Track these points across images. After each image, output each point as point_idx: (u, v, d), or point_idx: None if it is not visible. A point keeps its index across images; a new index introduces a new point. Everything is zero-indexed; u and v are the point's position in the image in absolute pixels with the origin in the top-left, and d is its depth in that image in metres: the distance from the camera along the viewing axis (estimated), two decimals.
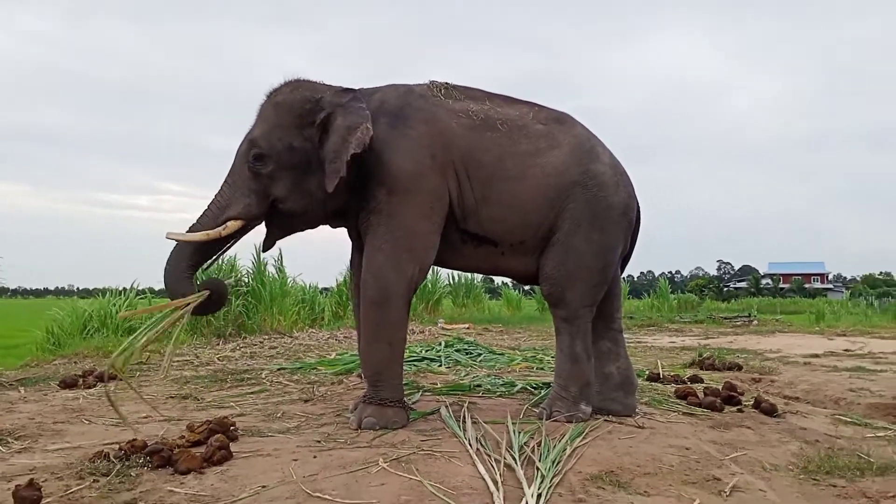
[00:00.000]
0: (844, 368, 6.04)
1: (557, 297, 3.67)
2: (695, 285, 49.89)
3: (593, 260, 3.65)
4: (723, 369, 5.95)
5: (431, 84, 3.71)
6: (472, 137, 3.54)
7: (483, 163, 3.53)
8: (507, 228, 3.60)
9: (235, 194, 3.42)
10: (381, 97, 3.61)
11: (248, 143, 3.47)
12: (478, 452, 2.85)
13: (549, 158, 3.61)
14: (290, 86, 3.57)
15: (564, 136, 3.70)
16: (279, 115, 3.48)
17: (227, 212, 3.39)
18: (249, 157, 3.42)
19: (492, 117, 3.62)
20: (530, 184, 3.56)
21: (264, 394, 4.39)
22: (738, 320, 14.75)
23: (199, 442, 2.89)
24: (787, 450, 3.12)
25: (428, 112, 3.54)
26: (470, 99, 3.68)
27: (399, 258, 3.39)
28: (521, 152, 3.59)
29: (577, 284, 3.63)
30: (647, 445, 3.06)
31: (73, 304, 8.73)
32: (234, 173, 3.48)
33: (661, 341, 9.56)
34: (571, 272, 3.62)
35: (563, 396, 3.61)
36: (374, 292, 3.39)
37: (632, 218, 3.84)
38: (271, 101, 3.55)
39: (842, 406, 4.43)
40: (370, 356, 3.47)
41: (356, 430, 3.27)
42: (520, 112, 3.73)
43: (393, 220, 3.41)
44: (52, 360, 6.40)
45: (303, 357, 6.45)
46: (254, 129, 3.52)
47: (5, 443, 3.02)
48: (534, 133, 3.66)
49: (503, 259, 3.71)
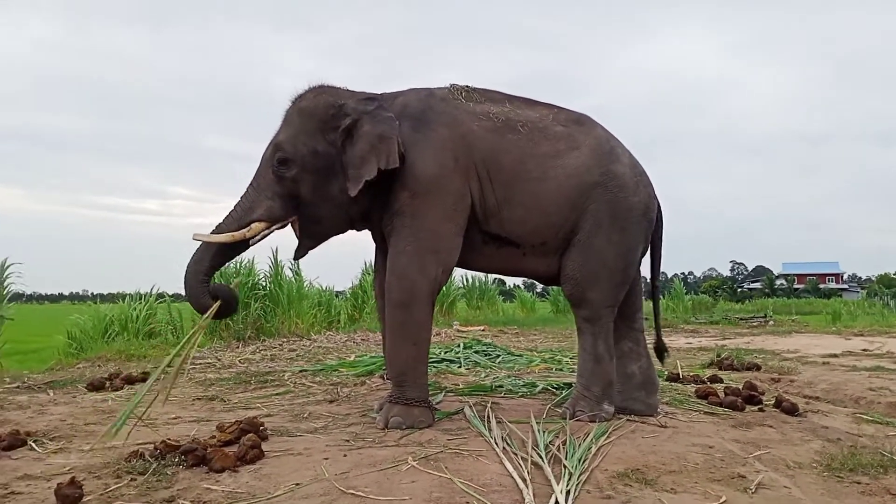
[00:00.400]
0: (863, 368, 6.04)
1: (579, 297, 3.71)
2: (708, 286, 49.71)
3: (615, 260, 3.69)
4: (742, 369, 5.97)
5: (452, 87, 3.77)
6: (493, 140, 3.59)
7: (504, 165, 3.58)
8: (529, 229, 3.65)
9: (259, 197, 3.51)
10: (404, 101, 3.67)
11: (272, 147, 3.56)
12: (504, 451, 2.89)
13: (570, 160, 3.65)
14: (314, 91, 3.66)
15: (584, 138, 3.74)
16: (303, 120, 3.56)
17: (251, 214, 3.48)
18: (274, 161, 3.51)
19: (512, 119, 3.67)
20: (551, 185, 3.60)
21: (289, 395, 4.45)
22: (754, 321, 14.71)
23: (230, 441, 2.95)
24: (810, 448, 3.15)
25: (449, 115, 3.60)
26: (490, 101, 3.73)
27: (423, 259, 3.44)
28: (542, 154, 3.63)
29: (599, 284, 3.68)
30: (670, 444, 3.10)
31: (94, 309, 8.86)
32: (258, 177, 3.57)
33: (678, 342, 9.55)
34: (593, 272, 3.66)
35: (585, 396, 3.66)
36: (398, 294, 3.45)
37: (652, 218, 3.87)
38: (296, 106, 3.63)
39: (862, 405, 4.44)
40: (396, 356, 3.52)
41: (383, 429, 3.32)
42: (540, 114, 3.77)
43: (416, 221, 3.47)
44: (76, 364, 6.49)
45: (322, 359, 6.52)
46: (279, 134, 3.60)
47: (41, 443, 3.09)
48: (554, 135, 3.70)
49: (525, 260, 3.75)
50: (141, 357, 6.63)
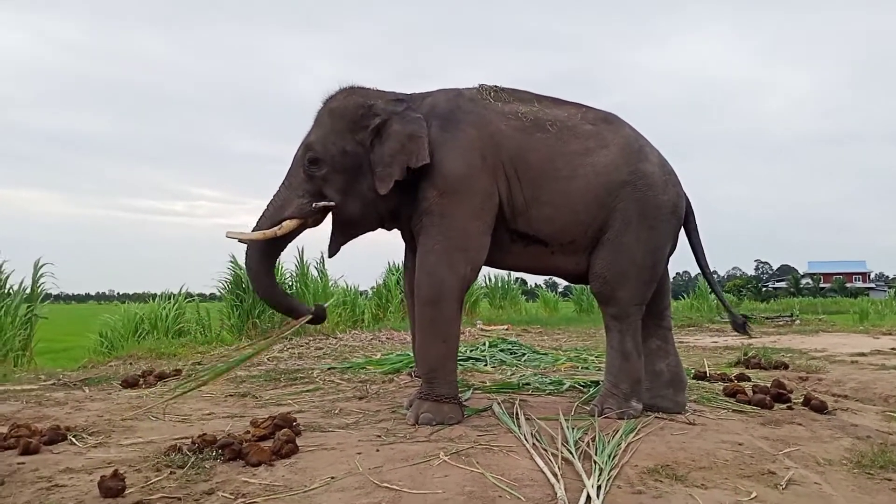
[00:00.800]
0: (892, 367, 5.98)
1: (608, 295, 3.74)
2: (733, 285, 49.20)
3: (643, 258, 3.71)
4: (769, 368, 5.95)
5: (481, 87, 3.81)
6: (521, 139, 3.62)
7: (532, 163, 3.60)
8: (558, 228, 3.67)
9: (290, 195, 3.63)
10: (432, 101, 3.72)
11: (303, 147, 3.67)
12: (534, 447, 2.93)
13: (599, 158, 3.68)
14: (345, 92, 3.75)
15: (613, 136, 3.76)
16: (333, 121, 3.66)
17: (283, 212, 3.60)
18: (305, 161, 3.62)
19: (541, 118, 3.69)
20: (580, 183, 3.62)
21: (319, 392, 4.51)
22: (781, 320, 14.58)
23: (264, 437, 3.01)
24: (840, 445, 3.15)
25: (477, 115, 3.64)
26: (519, 101, 3.76)
27: (452, 257, 3.48)
28: (571, 152, 3.65)
29: (628, 282, 3.70)
30: (700, 441, 3.12)
31: (124, 309, 9.01)
32: (290, 176, 3.69)
33: (704, 341, 9.52)
34: (622, 271, 3.69)
35: (614, 393, 3.68)
36: (428, 291, 3.50)
37: (681, 216, 3.88)
38: (326, 107, 3.73)
39: (892, 403, 4.41)
40: (426, 353, 3.57)
41: (413, 425, 3.36)
42: (568, 113, 3.80)
43: (445, 220, 3.51)
44: (108, 362, 6.60)
45: (349, 357, 6.58)
46: (310, 135, 3.71)
47: (81, 438, 3.16)
48: (583, 133, 3.72)
49: (553, 258, 3.78)
50: (171, 355, 6.74)
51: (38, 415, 3.71)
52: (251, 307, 8.81)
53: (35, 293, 7.44)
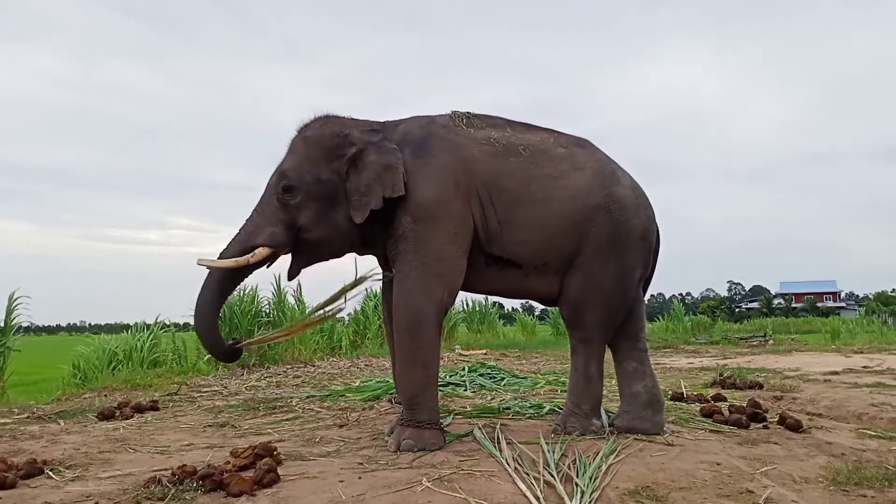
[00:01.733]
0: (864, 384, 6.09)
1: (575, 319, 3.83)
2: (706, 307, 49.63)
3: (612, 283, 3.76)
4: (744, 388, 6.01)
5: (454, 114, 3.86)
6: (494, 163, 3.66)
7: (506, 187, 3.64)
8: (531, 250, 3.70)
9: (263, 223, 3.62)
10: (405, 129, 3.77)
11: (277, 175, 3.66)
12: (516, 471, 2.94)
13: (573, 181, 3.72)
14: (320, 121, 3.78)
15: (586, 160, 3.82)
16: (309, 149, 3.68)
17: (255, 239, 3.59)
18: (279, 189, 3.61)
19: (513, 143, 3.75)
20: (554, 206, 3.67)
21: (299, 420, 4.48)
22: (754, 340, 14.76)
23: (245, 466, 2.99)
24: (816, 463, 3.20)
25: (450, 141, 3.68)
26: (491, 127, 3.82)
27: (428, 283, 3.50)
28: (545, 175, 3.70)
29: (596, 308, 3.76)
30: (679, 462, 3.15)
31: (98, 340, 8.89)
32: (263, 203, 3.68)
33: (680, 362, 9.60)
34: (590, 295, 3.75)
35: (576, 413, 3.80)
36: (405, 318, 3.51)
37: (651, 241, 3.94)
38: (301, 135, 3.75)
39: (865, 421, 4.49)
40: (406, 380, 3.57)
41: (395, 452, 3.36)
42: (540, 137, 3.86)
43: (420, 246, 3.53)
44: (82, 394, 6.49)
45: (328, 385, 6.55)
46: (284, 162, 3.71)
47: (58, 472, 3.12)
48: (556, 156, 3.78)
49: (527, 281, 3.81)
50: (147, 386, 6.65)
51: (14, 448, 3.65)
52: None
53: (9, 326, 7.34)
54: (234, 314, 8.93)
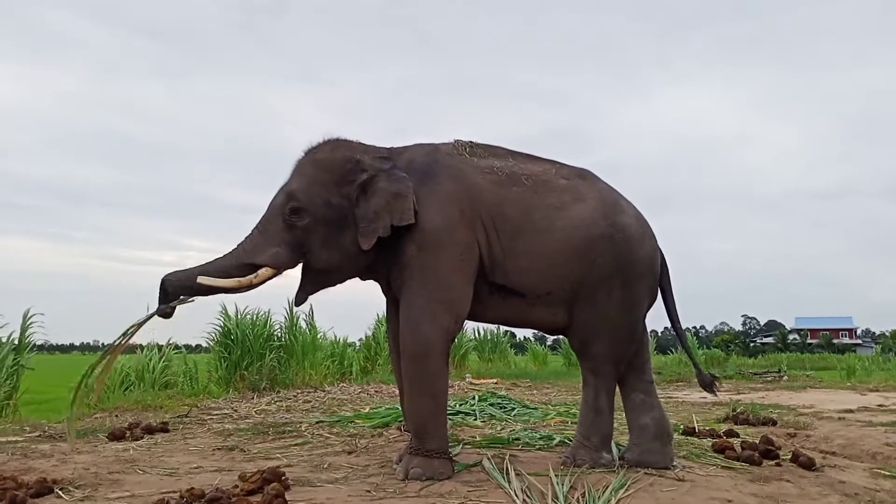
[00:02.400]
0: (879, 423, 6.01)
1: (584, 350, 3.86)
2: (720, 340, 49.27)
3: (619, 314, 3.78)
4: (757, 424, 5.96)
5: (457, 143, 3.88)
6: (498, 192, 3.68)
7: (510, 216, 3.65)
8: (534, 280, 3.69)
9: (265, 242, 3.57)
10: (410, 156, 3.78)
11: (285, 195, 3.62)
12: (525, 502, 2.93)
13: (576, 211, 3.73)
14: (330, 145, 3.77)
15: (588, 190, 3.84)
16: (319, 172, 3.66)
17: (255, 257, 3.54)
18: (286, 210, 3.58)
19: (517, 173, 3.77)
20: (558, 236, 3.67)
21: (307, 446, 4.48)
22: (768, 375, 14.60)
23: (253, 491, 2.99)
24: (828, 502, 3.17)
25: (455, 169, 3.70)
26: (494, 156, 3.84)
27: (434, 311, 3.50)
28: (548, 205, 3.71)
29: (604, 339, 3.77)
30: (689, 498, 3.12)
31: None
32: (266, 223, 3.63)
33: (692, 397, 9.51)
34: (598, 326, 3.76)
35: (585, 445, 3.78)
36: (413, 347, 3.50)
37: (657, 271, 3.94)
38: (311, 157, 3.73)
39: (879, 460, 4.45)
40: (414, 409, 3.56)
41: (403, 480, 3.35)
42: (543, 168, 3.89)
43: (425, 274, 3.53)
44: (94, 414, 6.53)
45: (338, 410, 6.54)
46: (291, 183, 3.67)
47: (67, 491, 3.14)
48: (559, 187, 3.80)
49: (532, 310, 3.79)
50: (158, 407, 6.67)
51: (24, 467, 3.68)
52: (239, 359, 8.78)
53: (23, 343, 7.40)
54: (247, 338, 8.96)
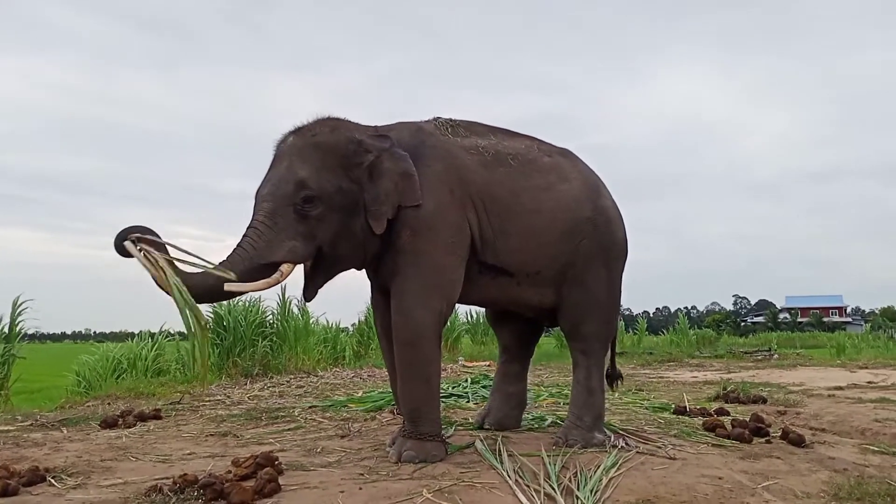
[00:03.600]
0: (869, 400, 6.06)
1: (575, 331, 3.97)
2: (712, 320, 49.59)
3: (605, 294, 3.95)
4: (748, 402, 5.99)
5: (438, 121, 3.83)
6: (486, 173, 3.67)
7: (499, 196, 3.66)
8: (525, 259, 3.75)
9: (279, 237, 3.26)
10: (396, 136, 3.64)
11: (295, 184, 3.31)
12: (517, 483, 2.94)
13: (563, 192, 3.82)
14: (328, 126, 3.53)
15: (571, 171, 3.93)
16: (325, 156, 3.41)
17: (272, 255, 3.23)
18: (298, 199, 3.30)
19: (501, 152, 3.77)
20: (546, 217, 3.75)
21: (300, 430, 4.49)
22: (759, 354, 14.69)
23: (247, 476, 2.99)
24: (818, 478, 3.19)
25: (442, 149, 3.66)
26: (476, 135, 3.81)
27: (427, 295, 3.47)
28: (535, 186, 3.75)
29: (594, 319, 3.92)
30: (680, 475, 3.14)
31: (103, 348, 8.93)
32: (276, 215, 3.27)
33: (683, 376, 9.58)
34: (588, 307, 3.90)
35: (578, 425, 3.83)
36: (405, 332, 3.47)
37: (627, 252, 4.13)
38: (311, 141, 3.44)
39: (868, 436, 4.48)
40: (408, 394, 3.53)
41: (396, 463, 3.36)
42: (525, 145, 3.91)
43: (419, 258, 3.49)
44: (86, 402, 6.52)
45: (330, 395, 6.55)
46: (297, 170, 3.34)
47: (59, 479, 3.13)
48: (544, 166, 3.84)
49: (519, 290, 3.83)
50: (150, 395, 6.67)
51: (16, 455, 3.66)
52: (231, 345, 8.78)
53: (14, 332, 7.38)
54: (239, 324, 8.96)
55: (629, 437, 3.91)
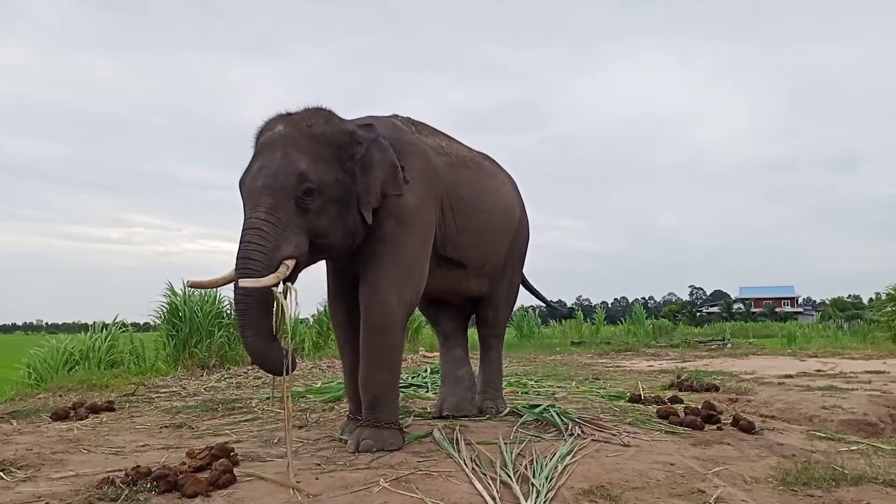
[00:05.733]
0: (817, 388, 6.21)
1: (495, 318, 4.61)
2: (668, 311, 50.40)
3: (516, 287, 4.73)
4: (701, 390, 6.11)
5: (401, 119, 3.94)
6: (453, 174, 3.94)
7: (463, 196, 3.95)
8: (478, 253, 4.17)
9: (284, 233, 3.15)
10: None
11: (297, 177, 3.19)
12: (473, 471, 2.96)
13: (504, 194, 4.40)
14: (322, 116, 3.43)
15: (503, 175, 4.56)
16: (322, 148, 3.32)
17: (281, 252, 3.12)
18: (299, 192, 3.19)
19: (461, 156, 4.11)
20: (497, 216, 4.25)
21: (257, 421, 4.46)
22: (713, 344, 15.00)
23: (201, 467, 2.96)
24: (766, 464, 3.27)
25: (418, 146, 3.77)
26: (433, 135, 4.06)
27: (401, 285, 3.53)
28: (489, 188, 4.21)
29: (507, 307, 4.70)
30: (633, 462, 3.20)
31: (54, 340, 8.73)
32: (278, 210, 3.15)
33: (639, 365, 9.73)
34: (508, 297, 4.66)
35: (497, 395, 4.63)
36: (378, 319, 3.47)
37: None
38: (307, 132, 3.33)
39: (816, 423, 4.61)
40: (371, 380, 3.52)
41: (354, 452, 3.36)
42: (466, 149, 4.32)
43: (397, 248, 3.54)
44: (37, 395, 6.38)
45: (288, 386, 6.50)
46: (297, 162, 3.21)
47: (8, 472, 3.07)
48: (489, 170, 4.38)
49: (467, 280, 4.23)
50: (103, 387, 6.54)
51: None
52: (188, 336, 8.66)
53: None
54: (195, 315, 8.83)
55: (585, 424, 3.96)
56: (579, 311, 24.83)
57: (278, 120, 3.42)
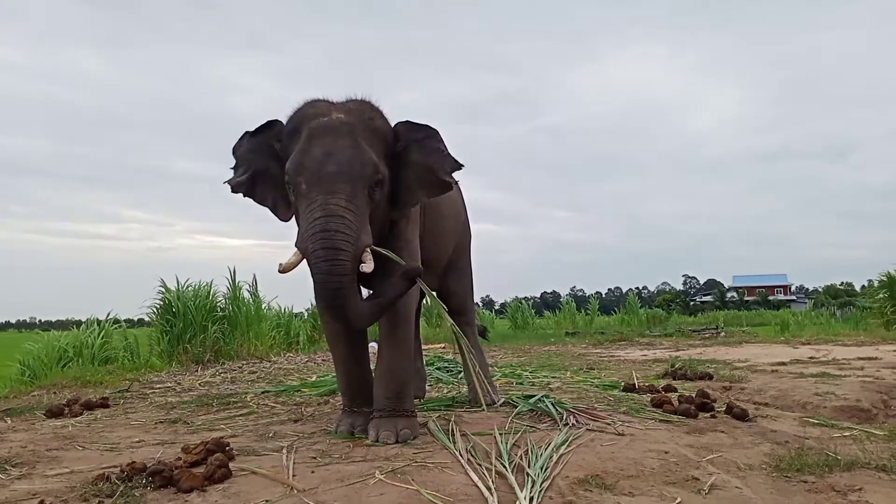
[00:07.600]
0: (810, 375, 6.24)
1: (461, 307, 4.86)
2: (662, 300, 50.60)
3: (471, 276, 5.13)
4: (694, 379, 6.14)
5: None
6: None
7: (433, 201, 3.97)
8: (438, 254, 4.42)
9: (364, 221, 3.19)
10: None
11: (373, 166, 3.22)
12: (469, 462, 2.97)
13: (455, 199, 4.66)
14: (375, 111, 3.46)
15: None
16: (379, 142, 3.36)
17: (362, 241, 3.16)
18: (373, 182, 3.23)
19: None
20: (450, 219, 4.55)
21: (253, 416, 4.46)
22: (706, 333, 15.05)
23: (197, 462, 2.96)
24: (760, 450, 3.29)
25: None
26: None
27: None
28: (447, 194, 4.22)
29: (470, 296, 5.06)
30: (628, 451, 3.21)
31: (47, 337, 8.71)
32: (356, 198, 3.14)
33: (633, 355, 9.76)
34: (467, 288, 5.03)
35: (490, 382, 4.60)
36: (403, 310, 3.59)
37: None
38: (369, 124, 3.34)
39: (809, 410, 4.63)
40: (399, 370, 3.59)
41: (395, 443, 3.38)
42: None
43: (410, 246, 3.74)
44: (31, 392, 6.38)
45: (284, 380, 6.51)
46: (369, 153, 3.23)
47: (3, 470, 3.06)
48: None
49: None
50: (98, 383, 6.54)
51: None
52: (181, 332, 8.66)
53: None
54: (189, 310, 8.82)
55: (580, 414, 3.97)
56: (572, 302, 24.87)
57: (329, 106, 3.37)
